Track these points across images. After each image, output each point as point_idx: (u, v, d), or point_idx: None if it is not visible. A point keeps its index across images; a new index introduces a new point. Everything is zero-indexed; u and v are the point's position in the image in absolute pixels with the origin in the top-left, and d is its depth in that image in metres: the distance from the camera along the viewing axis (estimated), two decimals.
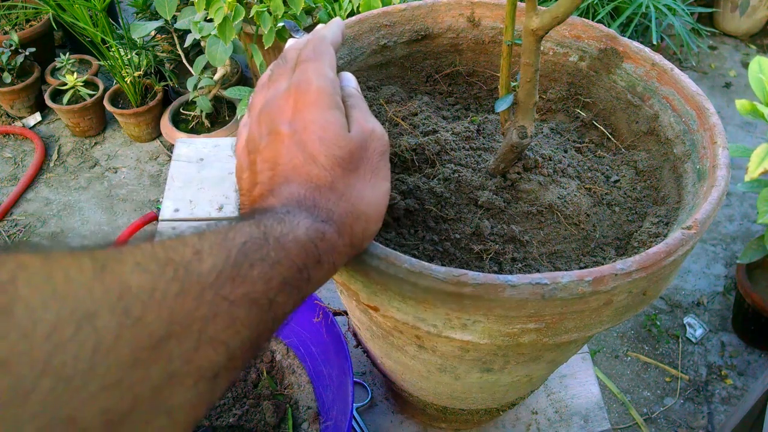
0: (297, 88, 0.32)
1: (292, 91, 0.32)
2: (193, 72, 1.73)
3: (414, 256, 0.39)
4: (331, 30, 0.38)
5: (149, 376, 0.19)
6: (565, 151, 0.50)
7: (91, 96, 1.98)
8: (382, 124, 0.49)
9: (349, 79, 0.37)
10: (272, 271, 0.25)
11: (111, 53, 1.84)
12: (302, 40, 0.37)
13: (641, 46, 0.50)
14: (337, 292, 0.78)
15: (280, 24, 1.33)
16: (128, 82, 1.89)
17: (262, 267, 0.24)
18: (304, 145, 0.31)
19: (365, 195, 0.32)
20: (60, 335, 0.17)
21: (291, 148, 0.31)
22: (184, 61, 1.85)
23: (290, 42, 0.38)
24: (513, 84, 0.41)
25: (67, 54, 2.07)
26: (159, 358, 0.20)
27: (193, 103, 1.89)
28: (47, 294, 0.18)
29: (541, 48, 0.46)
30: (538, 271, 0.41)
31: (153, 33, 1.93)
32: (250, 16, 1.32)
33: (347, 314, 0.66)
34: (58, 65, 2.08)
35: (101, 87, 2.02)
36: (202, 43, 1.55)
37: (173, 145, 1.40)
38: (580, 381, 0.73)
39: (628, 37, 0.51)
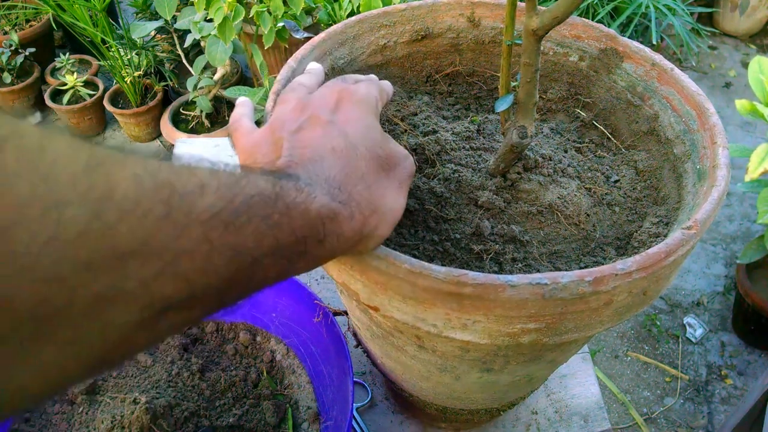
0: (344, 89, 0.35)
1: (337, 90, 0.35)
2: (193, 72, 1.73)
3: (414, 256, 0.39)
4: (388, 87, 0.41)
5: (96, 283, 0.19)
6: (565, 151, 0.50)
7: (91, 96, 1.98)
8: (382, 124, 0.49)
9: None
10: (268, 231, 0.24)
11: (111, 53, 1.84)
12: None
13: (641, 46, 0.50)
14: (337, 292, 0.78)
15: (280, 24, 1.33)
16: (128, 82, 1.89)
17: (258, 225, 0.24)
18: (345, 135, 0.32)
19: (387, 197, 0.33)
20: (25, 211, 0.17)
21: (332, 133, 0.32)
22: (184, 61, 1.85)
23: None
24: (513, 84, 0.41)
25: (67, 54, 2.07)
26: (114, 270, 0.19)
27: (193, 103, 1.89)
28: (28, 167, 0.17)
29: (541, 48, 0.46)
30: (538, 271, 0.41)
31: (153, 33, 1.93)
32: (250, 16, 1.32)
33: (347, 314, 0.66)
34: (58, 65, 2.08)
35: (101, 87, 2.02)
36: (202, 43, 1.54)
37: (173, 145, 1.40)
38: (580, 381, 0.73)
39: (628, 37, 0.51)
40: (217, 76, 1.79)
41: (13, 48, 1.98)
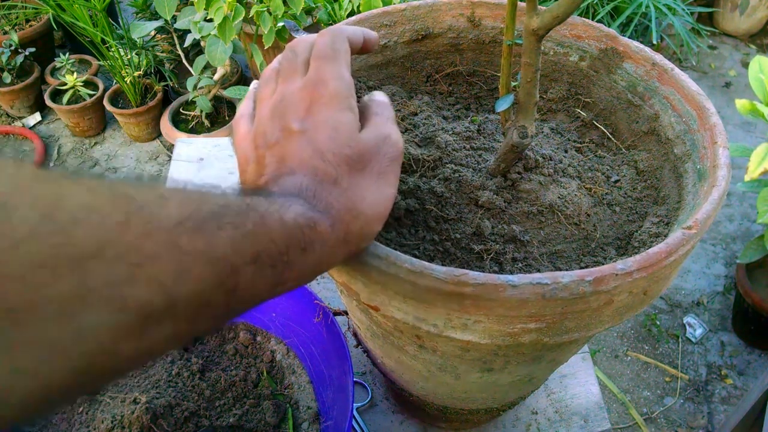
0: (313, 88, 0.33)
1: (307, 91, 0.33)
2: (193, 72, 1.72)
3: (414, 255, 0.39)
4: (352, 28, 0.37)
5: (60, 283, 0.19)
6: (566, 151, 0.50)
7: (90, 96, 1.98)
8: None
9: (380, 93, 0.38)
10: (244, 240, 0.25)
11: (111, 53, 1.84)
12: (315, 35, 0.37)
13: (641, 46, 0.50)
14: (337, 292, 0.78)
15: (280, 24, 1.33)
16: (128, 82, 1.89)
17: (232, 233, 0.25)
18: (313, 142, 0.31)
19: (367, 196, 0.32)
20: None
21: (301, 144, 0.31)
22: (184, 61, 1.84)
23: (297, 38, 0.38)
24: (513, 84, 0.41)
25: (67, 54, 2.07)
26: (77, 271, 0.20)
27: (193, 103, 1.89)
28: None
29: (542, 48, 0.46)
30: (538, 270, 0.41)
31: (153, 33, 1.93)
32: (250, 16, 1.32)
33: (347, 314, 0.66)
34: (58, 65, 2.08)
35: (101, 87, 2.02)
36: (202, 43, 1.54)
37: (173, 145, 1.40)
38: (580, 381, 0.73)
39: (628, 37, 0.51)
40: (217, 76, 1.79)
41: (13, 48, 1.97)
